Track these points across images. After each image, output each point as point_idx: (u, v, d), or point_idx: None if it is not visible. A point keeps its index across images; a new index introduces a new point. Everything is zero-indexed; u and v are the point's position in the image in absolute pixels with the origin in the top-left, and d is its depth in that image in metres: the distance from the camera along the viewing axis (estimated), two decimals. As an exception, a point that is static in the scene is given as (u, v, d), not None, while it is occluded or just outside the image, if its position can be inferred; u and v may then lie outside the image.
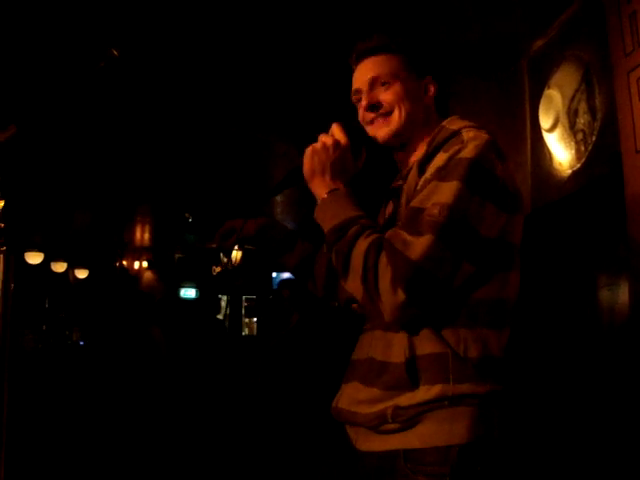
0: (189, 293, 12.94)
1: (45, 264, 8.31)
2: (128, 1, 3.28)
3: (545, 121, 3.38)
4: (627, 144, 2.31)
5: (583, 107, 3.08)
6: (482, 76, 3.71)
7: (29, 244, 7.85)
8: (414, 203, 1.20)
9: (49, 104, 1.16)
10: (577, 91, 3.13)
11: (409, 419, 1.20)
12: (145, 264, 12.16)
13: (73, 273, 9.12)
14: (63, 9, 3.32)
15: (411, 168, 1.35)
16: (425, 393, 1.19)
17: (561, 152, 3.31)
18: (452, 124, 1.33)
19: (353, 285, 1.22)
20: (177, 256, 12.63)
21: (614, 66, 2.43)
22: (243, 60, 4.09)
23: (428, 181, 1.22)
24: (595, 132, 2.99)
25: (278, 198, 8.95)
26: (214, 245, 1.63)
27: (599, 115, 2.96)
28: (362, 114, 1.40)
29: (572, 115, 3.17)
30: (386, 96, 1.37)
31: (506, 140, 3.81)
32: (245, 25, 3.61)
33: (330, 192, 1.30)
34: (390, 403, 1.21)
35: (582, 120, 3.10)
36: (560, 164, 3.35)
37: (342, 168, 1.33)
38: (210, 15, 3.48)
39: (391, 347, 1.25)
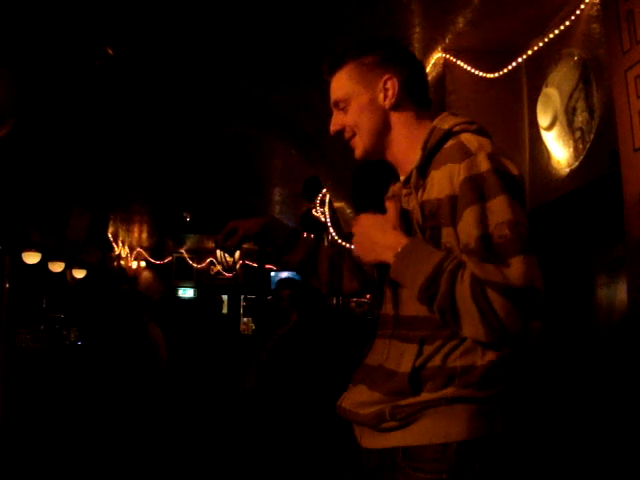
0: (187, 293, 12.94)
1: (42, 264, 8.28)
2: (123, 0, 3.27)
3: (543, 119, 3.37)
4: (625, 142, 2.31)
5: (581, 105, 3.08)
6: (480, 74, 3.70)
7: (26, 244, 7.84)
8: (472, 235, 1.17)
9: (46, 103, 1.16)
10: (575, 89, 3.12)
11: (407, 417, 1.22)
12: (143, 264, 12.16)
13: (71, 273, 9.09)
14: (59, 8, 3.31)
15: (411, 174, 1.33)
16: (425, 397, 1.22)
17: (559, 150, 3.31)
18: (443, 123, 1.31)
19: (471, 330, 1.17)
20: (175, 255, 12.63)
21: (612, 64, 2.43)
22: (239, 58, 4.09)
23: (462, 204, 1.19)
24: (593, 130, 2.99)
25: (276, 197, 8.95)
26: (217, 245, 1.63)
27: (597, 113, 2.96)
28: (332, 133, 1.44)
29: (570, 113, 3.17)
30: (346, 120, 1.39)
31: (504, 138, 3.81)
32: (239, 22, 3.60)
33: (396, 254, 1.23)
34: (389, 404, 1.24)
35: (580, 118, 3.10)
36: (558, 162, 3.35)
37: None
38: (205, 13, 3.47)
39: (402, 357, 1.26)
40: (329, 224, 6.63)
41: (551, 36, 3.35)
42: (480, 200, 1.17)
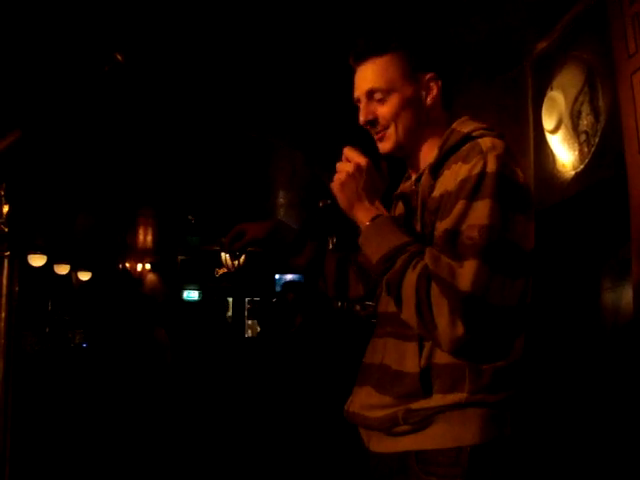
0: (192, 295, 12.96)
1: (48, 266, 8.31)
2: (132, 6, 3.29)
3: (548, 122, 3.37)
4: (630, 145, 2.31)
5: (586, 108, 3.08)
6: (485, 77, 3.71)
7: (32, 246, 7.87)
8: (447, 225, 1.17)
9: (53, 108, 1.16)
10: (580, 93, 3.12)
11: (421, 421, 1.21)
12: (148, 266, 12.18)
13: (76, 275, 9.13)
14: (67, 14, 3.33)
15: (422, 173, 1.33)
16: (438, 400, 1.20)
17: (564, 154, 3.31)
18: (463, 126, 1.30)
19: (407, 316, 1.19)
20: (180, 258, 12.65)
21: (617, 68, 2.42)
22: (246, 64, 4.10)
23: (454, 197, 1.18)
24: (598, 133, 2.99)
25: (281, 200, 8.96)
26: (223, 248, 1.63)
27: (602, 117, 2.95)
28: (362, 122, 1.37)
29: (575, 116, 3.17)
30: (382, 111, 1.32)
31: (509, 142, 3.80)
32: (248, 29, 3.61)
33: (372, 219, 1.26)
34: (402, 407, 1.22)
35: (585, 121, 3.09)
36: (563, 165, 3.34)
37: (374, 188, 1.30)
38: (214, 20, 3.48)
39: (405, 356, 1.25)
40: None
41: (556, 39, 3.35)
42: (468, 198, 1.16)
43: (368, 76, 1.33)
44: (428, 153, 1.34)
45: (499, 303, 1.13)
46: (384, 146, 1.35)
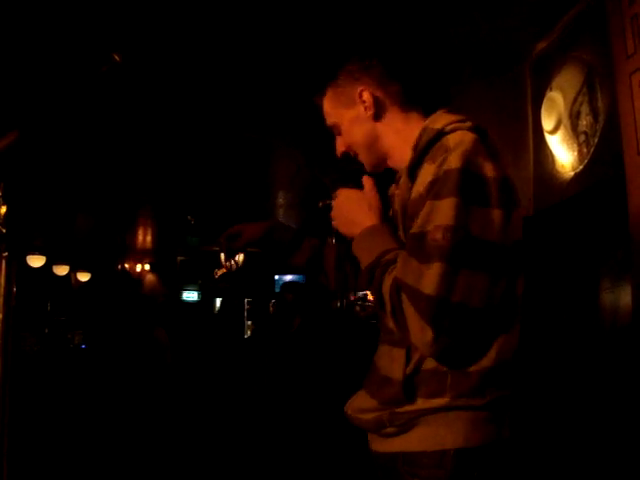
0: (191, 296, 12.95)
1: (47, 267, 8.31)
2: (130, 6, 3.29)
3: (547, 123, 3.37)
4: (629, 146, 2.31)
5: (585, 109, 3.08)
6: (485, 77, 3.71)
7: (31, 247, 7.86)
8: (415, 228, 1.17)
9: (52, 109, 1.16)
10: (579, 93, 3.12)
11: (405, 423, 1.22)
12: (147, 267, 12.17)
13: (75, 276, 9.12)
14: (65, 14, 3.33)
15: (401, 175, 1.34)
16: (422, 404, 1.21)
17: (563, 154, 3.31)
18: (436, 122, 1.28)
19: (389, 322, 1.21)
20: (179, 259, 12.64)
21: (616, 68, 2.42)
22: (245, 64, 4.10)
23: (423, 198, 1.18)
24: (597, 134, 2.99)
25: (280, 201, 8.96)
26: (221, 248, 1.64)
27: (601, 117, 2.95)
28: (339, 157, 1.49)
29: (574, 117, 3.17)
30: (345, 142, 1.43)
31: (508, 142, 3.81)
32: (249, 28, 3.61)
33: (361, 231, 1.30)
34: (386, 411, 1.25)
35: (584, 122, 3.09)
36: (562, 166, 3.34)
37: (363, 207, 1.33)
38: (213, 20, 3.48)
39: (393, 362, 1.26)
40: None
41: (556, 39, 3.35)
42: (433, 198, 1.15)
43: (324, 114, 1.46)
44: (406, 154, 1.33)
45: (467, 303, 1.11)
46: (366, 168, 1.44)
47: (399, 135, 1.37)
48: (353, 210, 1.32)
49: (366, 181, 1.34)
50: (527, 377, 1.30)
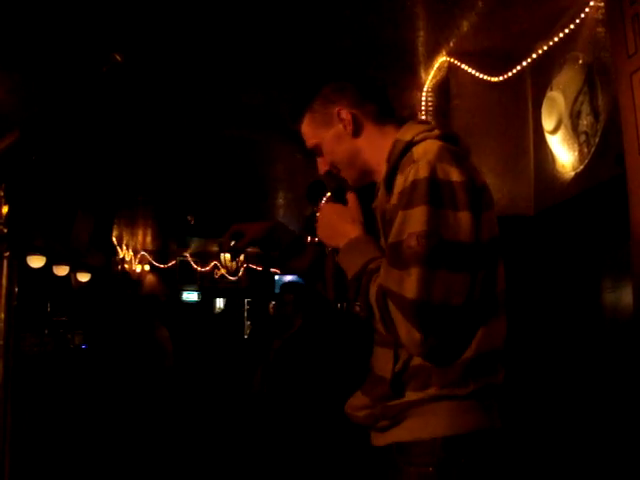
0: (191, 296, 12.96)
1: (47, 267, 8.29)
2: (131, 6, 3.29)
3: (548, 123, 3.37)
4: (630, 146, 2.30)
5: (586, 109, 3.08)
6: (485, 78, 3.71)
7: (31, 247, 7.84)
8: (392, 238, 1.24)
9: (52, 109, 1.16)
10: (580, 93, 3.12)
11: (397, 414, 1.29)
12: (147, 267, 12.18)
13: (75, 276, 9.11)
14: (66, 14, 3.33)
15: (379, 188, 1.40)
16: (411, 397, 1.28)
17: (564, 154, 3.31)
18: (406, 134, 1.35)
19: (380, 328, 1.27)
20: (179, 259, 12.64)
21: (617, 68, 2.42)
22: (244, 64, 4.10)
23: (395, 208, 1.25)
24: (598, 134, 2.99)
25: (280, 201, 8.96)
26: (222, 249, 1.65)
27: (602, 117, 2.95)
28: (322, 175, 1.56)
29: (575, 117, 3.17)
30: (327, 161, 1.49)
31: (508, 142, 3.81)
32: (249, 28, 3.61)
33: (346, 242, 1.37)
34: (379, 407, 1.32)
35: (585, 122, 3.09)
36: (563, 166, 3.34)
37: (344, 220, 1.40)
38: (214, 19, 3.48)
39: (384, 362, 1.33)
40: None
41: (556, 39, 3.35)
42: (404, 208, 1.22)
43: (304, 137, 1.52)
44: (381, 168, 1.41)
45: (448, 302, 1.17)
46: (350, 183, 1.50)
47: (378, 149, 1.42)
48: (337, 223, 1.40)
49: (350, 197, 1.43)
50: (529, 376, 1.33)
